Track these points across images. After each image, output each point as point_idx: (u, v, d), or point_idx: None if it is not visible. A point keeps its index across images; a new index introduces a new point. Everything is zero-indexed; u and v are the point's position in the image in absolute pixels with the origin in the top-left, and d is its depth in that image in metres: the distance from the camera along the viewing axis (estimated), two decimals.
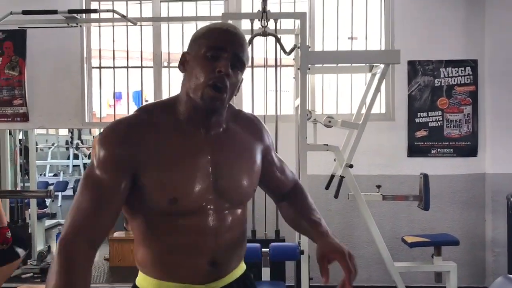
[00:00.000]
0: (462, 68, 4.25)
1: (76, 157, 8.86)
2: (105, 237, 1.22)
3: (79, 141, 9.60)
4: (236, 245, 1.35)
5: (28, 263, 4.50)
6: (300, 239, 3.19)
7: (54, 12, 3.71)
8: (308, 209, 1.43)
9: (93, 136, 10.83)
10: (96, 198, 1.17)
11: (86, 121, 4.58)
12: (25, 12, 3.75)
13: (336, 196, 3.46)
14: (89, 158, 9.94)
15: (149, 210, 1.23)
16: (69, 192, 7.70)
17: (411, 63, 4.26)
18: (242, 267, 1.41)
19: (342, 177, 3.38)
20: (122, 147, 1.19)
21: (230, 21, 3.33)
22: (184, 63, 1.27)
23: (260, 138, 1.41)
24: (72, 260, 1.13)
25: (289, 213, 1.48)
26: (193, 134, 1.26)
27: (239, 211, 1.32)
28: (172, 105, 1.28)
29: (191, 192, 1.22)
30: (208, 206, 1.24)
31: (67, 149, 8.99)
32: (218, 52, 1.20)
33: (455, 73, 4.26)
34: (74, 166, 8.90)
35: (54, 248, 4.52)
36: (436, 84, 4.28)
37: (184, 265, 1.26)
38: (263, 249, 3.02)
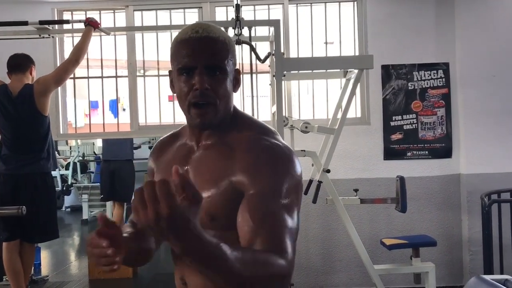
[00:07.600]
0: (435, 71, 4.33)
1: None
2: None
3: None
4: None
5: None
6: None
7: (25, 23, 3.63)
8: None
9: (70, 147, 10.62)
10: None
11: (61, 132, 4.51)
12: None
13: (314, 201, 3.47)
14: (66, 169, 9.73)
15: None
16: None
17: (384, 67, 4.32)
18: None
19: (320, 182, 3.40)
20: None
21: None
22: (172, 83, 1.25)
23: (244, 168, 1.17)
24: None
25: None
26: (186, 148, 1.29)
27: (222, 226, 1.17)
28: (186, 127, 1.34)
29: None
30: None
31: None
32: (190, 70, 1.17)
33: (428, 76, 4.33)
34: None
35: None
36: (409, 88, 4.34)
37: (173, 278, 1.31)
38: None
